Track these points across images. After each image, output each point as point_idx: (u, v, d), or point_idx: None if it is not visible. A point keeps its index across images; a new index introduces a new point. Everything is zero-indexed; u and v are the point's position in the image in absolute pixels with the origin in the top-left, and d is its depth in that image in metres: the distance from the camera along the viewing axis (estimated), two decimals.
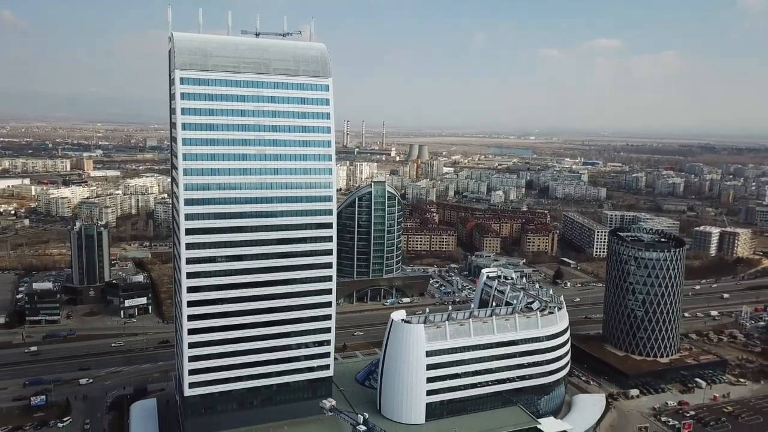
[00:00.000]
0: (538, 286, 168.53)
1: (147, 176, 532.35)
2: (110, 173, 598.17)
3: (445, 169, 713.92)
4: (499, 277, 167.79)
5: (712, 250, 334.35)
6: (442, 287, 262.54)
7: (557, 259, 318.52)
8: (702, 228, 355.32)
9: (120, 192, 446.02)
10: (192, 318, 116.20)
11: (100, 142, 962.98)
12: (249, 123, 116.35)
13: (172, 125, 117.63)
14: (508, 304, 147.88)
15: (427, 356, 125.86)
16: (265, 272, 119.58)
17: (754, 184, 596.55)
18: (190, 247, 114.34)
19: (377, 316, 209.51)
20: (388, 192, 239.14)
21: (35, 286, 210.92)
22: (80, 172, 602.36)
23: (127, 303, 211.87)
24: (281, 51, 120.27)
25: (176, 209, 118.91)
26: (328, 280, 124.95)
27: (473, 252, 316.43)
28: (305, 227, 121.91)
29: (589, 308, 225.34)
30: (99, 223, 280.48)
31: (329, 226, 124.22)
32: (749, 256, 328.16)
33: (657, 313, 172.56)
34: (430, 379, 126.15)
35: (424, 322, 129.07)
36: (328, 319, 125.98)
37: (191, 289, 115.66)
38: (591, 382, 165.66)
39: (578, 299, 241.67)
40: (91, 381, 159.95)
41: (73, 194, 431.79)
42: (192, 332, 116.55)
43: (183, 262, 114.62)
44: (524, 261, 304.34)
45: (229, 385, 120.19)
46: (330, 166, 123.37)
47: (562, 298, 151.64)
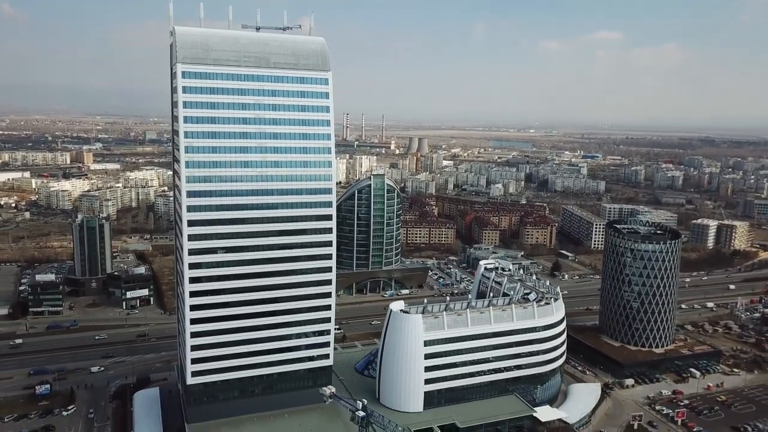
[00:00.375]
0: (535, 277, 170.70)
1: (147, 169, 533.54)
2: (110, 166, 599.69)
3: (445, 163, 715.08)
4: (496, 268, 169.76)
5: (710, 242, 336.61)
6: (441, 279, 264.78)
7: (555, 252, 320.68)
8: (700, 221, 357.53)
9: (120, 185, 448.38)
10: (194, 308, 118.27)
11: (99, 135, 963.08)
12: (249, 116, 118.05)
13: (174, 118, 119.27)
14: (505, 295, 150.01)
15: (425, 346, 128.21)
16: (266, 263, 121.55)
17: (753, 177, 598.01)
18: (192, 238, 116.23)
19: (376, 308, 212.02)
20: (388, 185, 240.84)
21: (38, 277, 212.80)
22: (80, 165, 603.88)
23: (129, 294, 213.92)
24: (281, 45, 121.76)
25: (178, 201, 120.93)
26: (328, 271, 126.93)
27: (472, 245, 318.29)
28: (305, 219, 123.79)
29: (584, 300, 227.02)
30: (100, 215, 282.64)
31: (329, 218, 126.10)
32: (746, 249, 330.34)
33: (652, 304, 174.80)
34: (428, 368, 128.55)
35: (423, 313, 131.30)
36: (327, 309, 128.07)
37: (193, 280, 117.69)
38: (587, 372, 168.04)
39: (566, 292, 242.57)
40: (102, 369, 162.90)
41: (74, 187, 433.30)
42: (194, 322, 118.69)
43: (185, 253, 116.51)
44: (522, 253, 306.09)
45: (230, 373, 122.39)
46: (330, 159, 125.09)
47: (558, 289, 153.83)
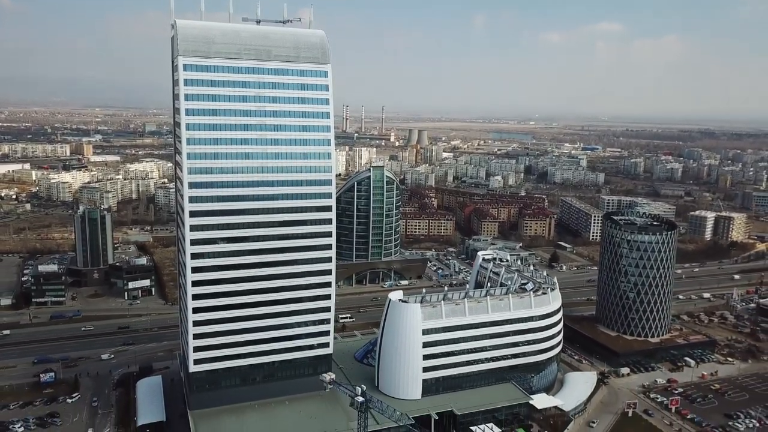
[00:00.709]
0: (532, 268, 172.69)
1: (147, 161, 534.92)
2: (110, 158, 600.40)
3: (445, 155, 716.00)
4: (494, 259, 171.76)
5: (708, 234, 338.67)
6: (440, 270, 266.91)
7: (554, 243, 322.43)
8: (697, 212, 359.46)
9: (120, 177, 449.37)
10: (196, 297, 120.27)
11: (98, 127, 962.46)
12: (250, 109, 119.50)
13: (176, 110, 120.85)
14: (502, 285, 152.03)
15: (423, 334, 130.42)
16: (267, 253, 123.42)
17: (752, 169, 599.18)
18: (194, 228, 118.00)
19: (376, 298, 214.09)
20: (387, 177, 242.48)
21: (40, 268, 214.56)
22: (80, 156, 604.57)
23: (131, 285, 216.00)
24: (282, 38, 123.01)
25: (180, 193, 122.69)
26: (328, 261, 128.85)
27: (471, 236, 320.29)
28: (305, 210, 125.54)
29: (580, 291, 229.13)
30: (102, 207, 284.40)
31: (329, 209, 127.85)
32: (744, 240, 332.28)
33: (648, 294, 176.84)
34: (426, 357, 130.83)
35: (421, 302, 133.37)
36: (327, 299, 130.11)
37: (195, 270, 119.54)
38: (583, 361, 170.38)
39: (555, 281, 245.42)
40: (112, 357, 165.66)
41: (74, 179, 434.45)
42: (196, 311, 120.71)
43: (187, 243, 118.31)
44: (521, 245, 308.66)
45: (232, 361, 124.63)
46: (329, 151, 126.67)
47: (555, 280, 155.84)
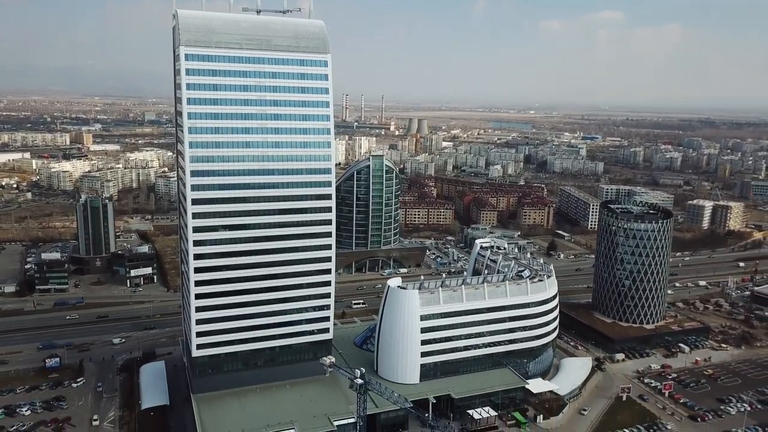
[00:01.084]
0: (529, 255, 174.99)
1: (147, 150, 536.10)
2: (110, 147, 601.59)
3: (444, 144, 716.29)
4: (492, 247, 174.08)
5: (705, 223, 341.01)
6: (439, 259, 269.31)
7: (552, 232, 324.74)
8: (695, 201, 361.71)
9: (120, 166, 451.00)
10: (199, 284, 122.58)
11: (98, 116, 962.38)
12: (251, 98, 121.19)
13: (177, 100, 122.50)
14: (499, 272, 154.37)
15: (421, 320, 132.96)
16: (268, 241, 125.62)
17: (751, 158, 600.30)
18: (196, 216, 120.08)
19: (361, 287, 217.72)
20: (386, 166, 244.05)
21: (44, 256, 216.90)
22: (80, 146, 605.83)
23: (133, 273, 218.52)
24: (282, 28, 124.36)
25: (182, 181, 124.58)
26: (328, 248, 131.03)
27: (470, 225, 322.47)
28: (305, 198, 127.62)
29: (576, 279, 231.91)
30: (103, 196, 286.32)
31: (328, 198, 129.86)
32: (741, 229, 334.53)
33: (644, 282, 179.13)
34: (424, 342, 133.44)
35: (419, 288, 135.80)
36: (327, 285, 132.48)
37: (197, 257, 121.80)
38: (579, 347, 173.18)
39: (551, 268, 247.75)
40: (123, 341, 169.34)
41: (74, 168, 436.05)
42: (199, 297, 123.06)
43: (189, 231, 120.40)
44: (519, 233, 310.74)
45: (234, 346, 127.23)
46: (329, 140, 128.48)
47: (551, 267, 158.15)
